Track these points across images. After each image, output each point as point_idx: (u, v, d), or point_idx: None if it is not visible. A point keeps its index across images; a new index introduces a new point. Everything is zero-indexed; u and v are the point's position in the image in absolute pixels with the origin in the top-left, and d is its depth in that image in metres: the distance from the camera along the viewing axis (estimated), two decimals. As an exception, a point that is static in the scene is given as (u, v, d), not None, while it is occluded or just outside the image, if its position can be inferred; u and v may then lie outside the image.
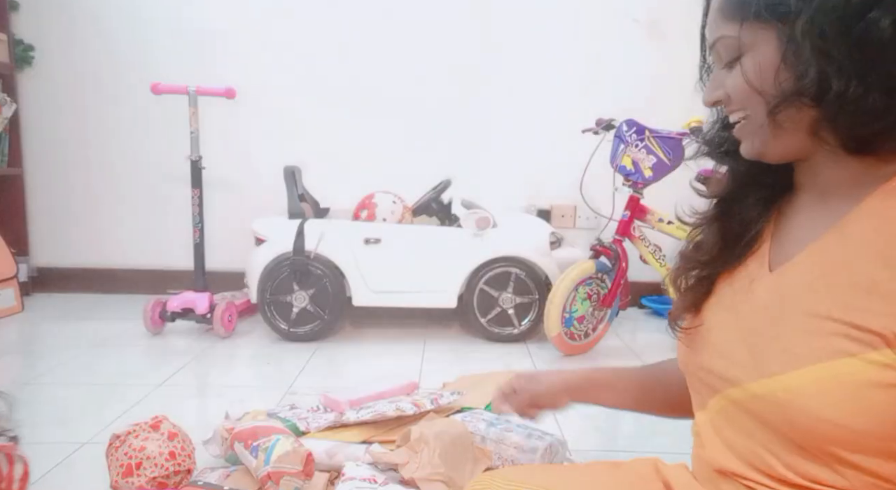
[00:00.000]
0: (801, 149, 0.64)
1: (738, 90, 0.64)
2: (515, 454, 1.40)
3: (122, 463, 1.22)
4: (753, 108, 0.63)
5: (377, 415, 1.50)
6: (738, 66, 0.63)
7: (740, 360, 0.65)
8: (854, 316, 0.55)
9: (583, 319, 2.42)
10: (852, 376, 0.54)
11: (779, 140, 0.63)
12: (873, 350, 0.54)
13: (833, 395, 0.55)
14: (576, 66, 3.09)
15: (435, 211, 2.74)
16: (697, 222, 0.78)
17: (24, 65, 3.03)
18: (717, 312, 0.72)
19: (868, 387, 0.54)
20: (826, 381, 0.56)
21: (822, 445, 0.57)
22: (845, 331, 0.56)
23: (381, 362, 2.34)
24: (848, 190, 0.62)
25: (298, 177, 2.70)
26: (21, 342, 2.57)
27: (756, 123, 0.64)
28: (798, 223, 0.68)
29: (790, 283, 0.63)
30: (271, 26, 3.05)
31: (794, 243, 0.66)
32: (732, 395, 0.66)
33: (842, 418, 0.55)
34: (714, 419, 0.69)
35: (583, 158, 2.44)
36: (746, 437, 0.64)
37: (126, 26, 3.04)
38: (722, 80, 0.66)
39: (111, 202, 3.16)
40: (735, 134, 0.68)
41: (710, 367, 0.69)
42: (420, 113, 3.10)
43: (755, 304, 0.66)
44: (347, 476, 1.31)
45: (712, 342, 0.70)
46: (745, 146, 0.67)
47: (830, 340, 0.56)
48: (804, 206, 0.68)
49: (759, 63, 0.61)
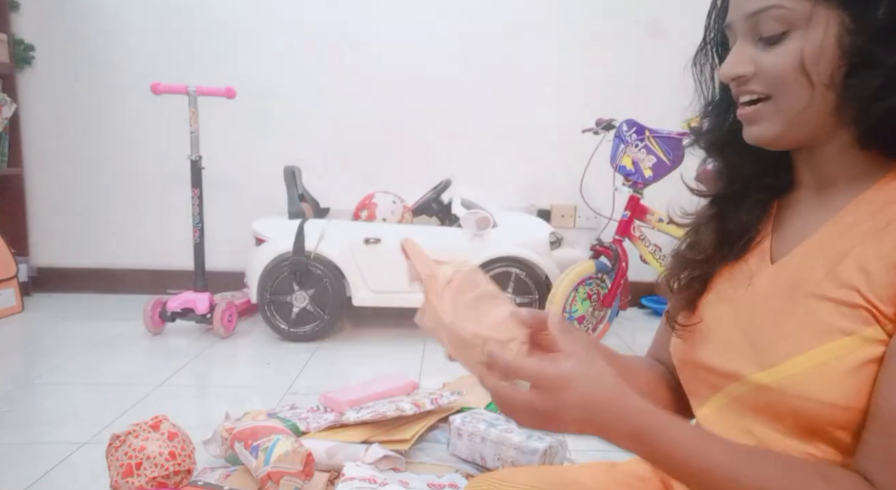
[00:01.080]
0: (816, 138, 0.62)
1: (779, 70, 0.59)
2: (515, 455, 1.40)
3: (122, 463, 1.22)
4: (788, 92, 0.59)
5: (377, 415, 1.50)
6: (784, 43, 0.58)
7: (741, 353, 0.65)
8: (848, 295, 0.57)
9: (583, 319, 2.42)
10: (851, 356, 0.55)
11: (799, 127, 0.61)
12: (868, 327, 0.56)
13: (835, 378, 0.56)
14: (576, 66, 3.09)
15: (435, 211, 2.74)
16: (694, 222, 0.77)
17: (24, 65, 3.03)
18: (715, 308, 0.71)
19: (867, 365, 0.55)
20: (828, 364, 0.56)
21: (826, 430, 0.58)
22: (841, 310, 0.57)
23: (381, 362, 2.34)
24: (847, 184, 0.63)
25: (298, 177, 2.70)
26: (21, 342, 2.57)
27: (781, 107, 0.61)
28: (798, 218, 0.68)
29: (790, 271, 0.64)
30: (271, 26, 3.05)
31: (794, 237, 0.66)
32: (733, 390, 0.65)
33: (845, 400, 0.56)
34: (713, 416, 0.69)
35: (583, 158, 2.44)
36: (749, 427, 0.64)
37: (126, 26, 3.04)
38: (752, 55, 0.61)
39: (111, 202, 3.16)
40: (743, 116, 0.64)
41: (711, 364, 0.69)
42: (420, 113, 3.10)
43: (756, 296, 0.66)
44: (347, 476, 1.31)
45: (712, 339, 0.70)
46: (756, 129, 0.63)
47: (829, 321, 0.57)
48: (803, 201, 0.68)
49: (818, 44, 0.57)
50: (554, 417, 0.56)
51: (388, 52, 3.07)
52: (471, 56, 3.07)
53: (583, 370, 0.57)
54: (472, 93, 3.09)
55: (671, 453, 0.56)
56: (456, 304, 0.63)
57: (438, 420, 1.61)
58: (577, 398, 0.55)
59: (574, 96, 3.07)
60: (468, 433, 1.46)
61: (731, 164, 0.72)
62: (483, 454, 1.43)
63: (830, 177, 0.64)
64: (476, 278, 0.67)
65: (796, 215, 0.69)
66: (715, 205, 0.75)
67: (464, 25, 3.06)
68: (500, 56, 3.08)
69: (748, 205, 0.72)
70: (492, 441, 1.42)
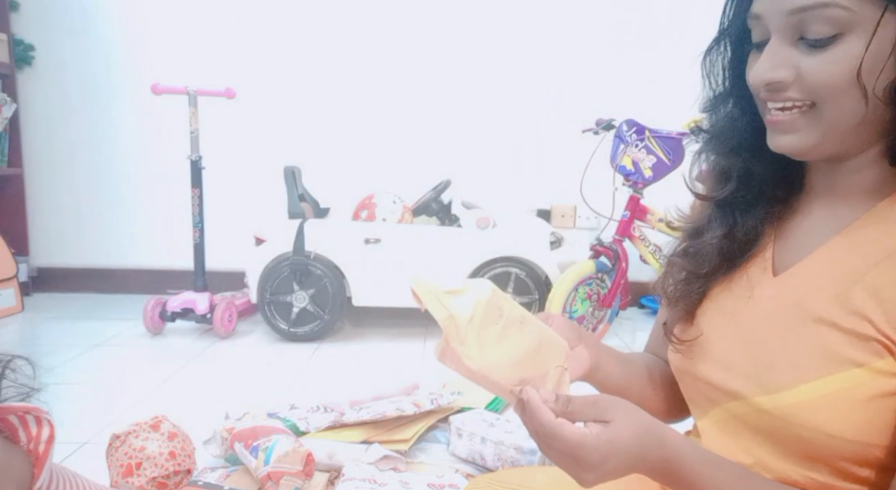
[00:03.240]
0: (848, 151, 0.57)
1: (829, 78, 0.52)
2: (515, 456, 1.40)
3: (122, 463, 1.22)
4: (836, 103, 0.53)
5: (377, 415, 1.50)
6: (835, 47, 0.52)
7: (743, 372, 0.61)
8: (860, 325, 0.53)
9: (583, 319, 2.42)
10: (861, 388, 0.52)
11: (837, 139, 0.56)
12: (879, 359, 0.52)
13: (842, 410, 0.53)
14: (576, 66, 3.09)
15: (435, 211, 2.74)
16: (694, 226, 0.71)
17: (24, 65, 3.03)
18: (715, 320, 0.67)
19: (877, 398, 0.52)
20: (835, 395, 0.53)
21: (829, 459, 0.56)
22: (851, 340, 0.53)
23: (381, 362, 2.34)
24: (860, 197, 0.59)
25: (298, 177, 2.70)
26: (21, 342, 2.57)
27: (825, 117, 0.54)
28: (803, 227, 0.64)
29: (795, 288, 0.60)
30: (271, 26, 3.05)
31: (799, 248, 0.63)
32: (733, 408, 0.62)
33: (852, 433, 0.53)
34: (713, 429, 0.66)
35: (583, 158, 2.44)
36: (748, 447, 0.62)
37: (126, 26, 3.04)
38: (792, 57, 0.54)
39: (111, 202, 3.16)
40: (775, 124, 0.58)
41: (709, 378, 0.65)
42: (420, 113, 3.09)
43: (757, 311, 0.63)
44: (347, 476, 1.31)
45: (711, 353, 0.66)
46: (788, 139, 0.57)
47: (838, 350, 0.54)
48: (812, 209, 0.64)
49: (880, 53, 0.51)
50: (591, 474, 0.55)
51: (389, 52, 3.06)
52: (471, 56, 3.07)
53: (625, 442, 0.53)
54: (473, 93, 3.09)
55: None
56: (481, 345, 0.57)
57: (438, 420, 1.61)
58: (619, 467, 0.54)
59: (574, 96, 3.07)
60: (468, 433, 1.46)
61: (746, 168, 0.66)
62: (483, 454, 1.43)
63: (845, 187, 0.60)
64: (498, 303, 0.60)
65: (802, 224, 0.64)
66: (721, 209, 0.68)
67: (464, 25, 3.06)
68: (500, 56, 3.08)
69: (759, 212, 0.66)
70: (492, 441, 1.42)
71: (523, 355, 0.59)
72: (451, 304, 0.57)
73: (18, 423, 0.50)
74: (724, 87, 0.65)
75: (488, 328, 0.58)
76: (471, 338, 0.56)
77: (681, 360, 0.70)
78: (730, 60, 0.64)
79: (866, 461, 0.54)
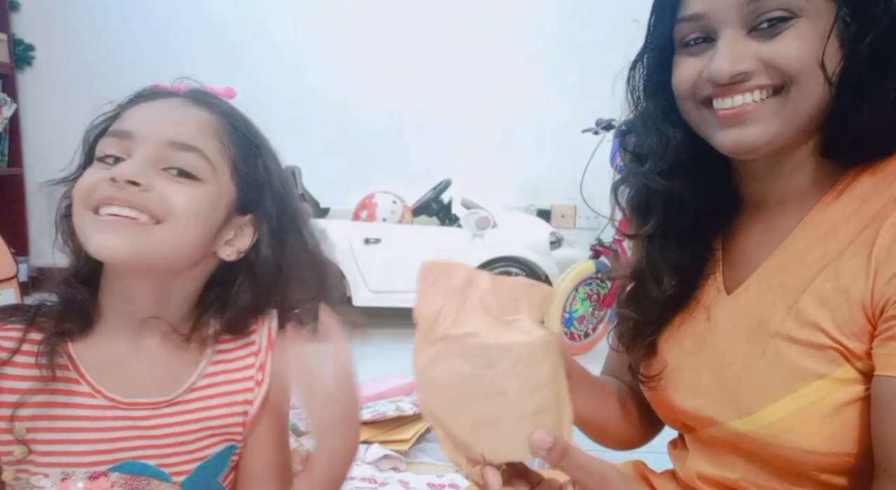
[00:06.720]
0: (794, 143, 0.57)
1: (798, 52, 0.53)
2: (515, 454, 1.39)
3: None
4: (802, 85, 0.53)
5: (377, 415, 1.50)
6: (789, 31, 0.53)
7: (714, 397, 0.61)
8: (814, 335, 0.54)
9: (583, 319, 2.42)
10: (827, 400, 0.53)
11: (792, 128, 0.55)
12: (838, 367, 0.53)
13: (813, 424, 0.53)
14: (576, 66, 3.08)
15: (435, 211, 2.74)
16: (633, 271, 0.68)
17: (24, 65, 3.03)
18: (678, 347, 0.66)
19: (843, 407, 0.53)
20: (805, 410, 0.54)
21: (810, 474, 0.56)
22: (809, 352, 0.54)
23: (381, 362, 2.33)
24: (795, 203, 0.59)
25: (298, 177, 2.70)
26: (21, 342, 2.56)
27: (790, 102, 0.54)
28: (747, 243, 0.64)
29: (750, 305, 0.61)
30: (271, 26, 3.04)
31: (746, 264, 0.63)
32: (712, 433, 0.63)
33: (826, 446, 0.54)
34: (697, 450, 0.67)
35: (583, 158, 2.44)
36: (731, 463, 0.62)
37: (126, 26, 3.04)
38: (750, 48, 0.54)
39: (111, 202, 3.16)
40: (735, 116, 0.56)
41: (683, 407, 0.65)
42: (420, 113, 3.09)
43: (717, 333, 0.63)
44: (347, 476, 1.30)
45: (681, 381, 0.65)
46: (747, 132, 0.56)
47: (799, 364, 0.54)
48: (750, 223, 0.64)
49: (821, 32, 0.52)
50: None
51: (388, 52, 3.06)
52: (471, 56, 3.07)
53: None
54: (472, 92, 3.09)
55: None
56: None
57: (438, 420, 1.61)
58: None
59: (574, 96, 3.07)
60: (468, 433, 1.45)
61: (677, 193, 0.63)
62: (483, 454, 1.43)
63: (779, 194, 0.60)
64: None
65: (745, 240, 0.64)
66: (656, 245, 0.66)
67: (464, 25, 3.06)
68: (500, 56, 3.07)
69: (699, 240, 0.65)
70: (492, 441, 1.42)
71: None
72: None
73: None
74: (653, 101, 0.65)
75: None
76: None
77: (652, 395, 0.69)
78: (655, 71, 0.64)
79: (844, 471, 0.55)
